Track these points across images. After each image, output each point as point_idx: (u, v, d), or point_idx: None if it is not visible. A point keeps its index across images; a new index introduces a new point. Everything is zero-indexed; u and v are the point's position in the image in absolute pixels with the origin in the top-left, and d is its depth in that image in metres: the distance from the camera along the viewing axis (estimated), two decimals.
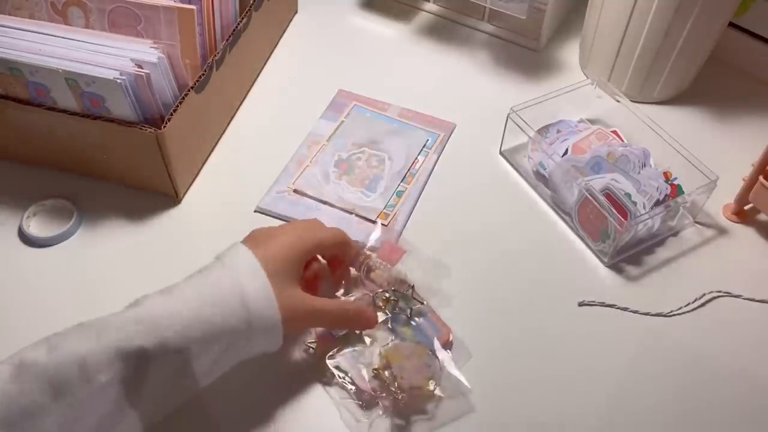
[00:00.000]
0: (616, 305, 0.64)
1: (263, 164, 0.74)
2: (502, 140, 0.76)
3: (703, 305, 0.64)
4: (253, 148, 0.77)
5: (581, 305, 0.64)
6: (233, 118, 0.80)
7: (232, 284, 0.49)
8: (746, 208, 0.71)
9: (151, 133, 0.63)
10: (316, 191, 0.72)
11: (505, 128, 0.75)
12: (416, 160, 0.75)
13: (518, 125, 0.72)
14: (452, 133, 0.79)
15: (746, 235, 0.70)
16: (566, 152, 0.73)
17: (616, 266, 0.67)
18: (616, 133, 0.75)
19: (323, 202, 0.71)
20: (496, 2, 0.83)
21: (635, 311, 0.64)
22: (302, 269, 0.55)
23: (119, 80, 0.61)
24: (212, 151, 0.76)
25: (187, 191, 0.72)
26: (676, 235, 0.70)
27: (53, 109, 0.65)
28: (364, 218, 0.70)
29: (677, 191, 0.69)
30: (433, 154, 0.76)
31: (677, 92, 0.83)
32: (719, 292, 0.65)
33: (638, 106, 0.75)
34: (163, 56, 0.64)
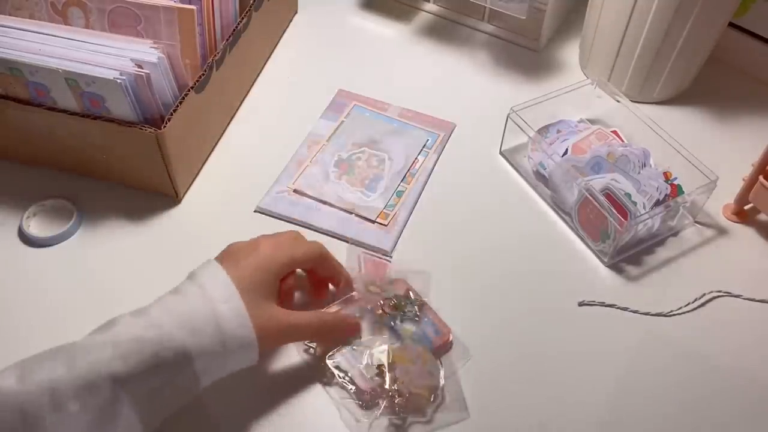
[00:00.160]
0: (616, 305, 0.64)
1: (263, 164, 0.74)
2: (502, 140, 0.76)
3: (703, 305, 0.64)
4: (253, 148, 0.77)
5: (581, 305, 0.64)
6: (233, 118, 0.80)
7: (205, 306, 0.49)
8: (746, 208, 0.71)
9: (151, 133, 0.63)
10: (316, 191, 0.72)
11: (505, 128, 0.75)
12: (416, 160, 0.75)
13: (518, 125, 0.72)
14: (452, 133, 0.79)
15: (746, 235, 0.70)
16: (566, 152, 0.73)
17: (616, 266, 0.67)
18: (616, 133, 0.75)
19: (323, 202, 0.71)
20: (496, 2, 0.83)
21: (635, 311, 0.64)
22: (279, 283, 0.55)
23: (119, 80, 0.61)
24: (212, 150, 0.76)
25: (187, 191, 0.72)
26: (676, 235, 0.70)
27: (53, 109, 0.65)
28: (364, 218, 0.70)
29: (677, 191, 0.69)
30: (433, 154, 0.76)
31: (677, 92, 0.83)
32: (719, 292, 0.65)
33: (638, 106, 0.75)
34: (163, 56, 0.64)
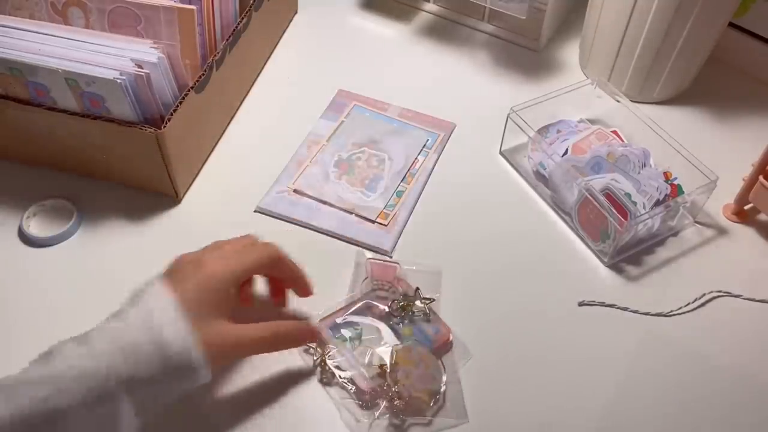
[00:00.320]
0: (616, 305, 0.64)
1: (263, 164, 0.74)
2: (502, 140, 0.76)
3: (703, 305, 0.64)
4: (252, 147, 0.77)
5: (581, 305, 0.64)
6: (233, 118, 0.80)
7: (148, 333, 0.47)
8: (746, 208, 0.71)
9: (151, 133, 0.63)
10: (316, 191, 0.72)
11: (505, 128, 0.75)
12: (416, 160, 0.75)
13: (518, 125, 0.72)
14: (452, 133, 0.79)
15: (746, 235, 0.70)
16: (566, 152, 0.73)
17: (616, 266, 0.67)
18: (616, 133, 0.75)
19: (323, 202, 0.71)
20: (496, 2, 0.83)
21: (635, 311, 0.64)
22: (234, 294, 0.53)
23: (119, 80, 0.61)
24: (212, 151, 0.76)
25: (187, 191, 0.72)
26: (676, 235, 0.70)
27: (53, 109, 0.65)
28: (364, 218, 0.70)
29: (677, 191, 0.69)
30: (433, 154, 0.76)
31: (677, 92, 0.83)
32: (719, 292, 0.65)
33: (638, 106, 0.75)
34: (163, 56, 0.64)
